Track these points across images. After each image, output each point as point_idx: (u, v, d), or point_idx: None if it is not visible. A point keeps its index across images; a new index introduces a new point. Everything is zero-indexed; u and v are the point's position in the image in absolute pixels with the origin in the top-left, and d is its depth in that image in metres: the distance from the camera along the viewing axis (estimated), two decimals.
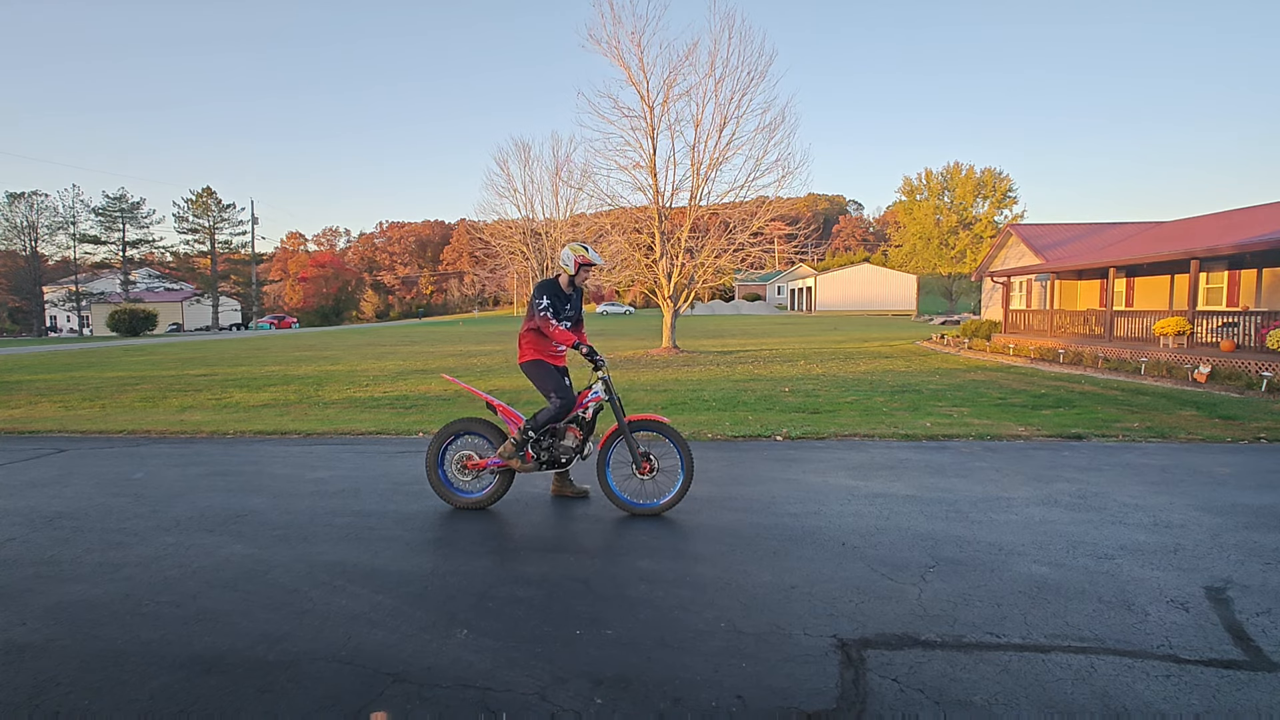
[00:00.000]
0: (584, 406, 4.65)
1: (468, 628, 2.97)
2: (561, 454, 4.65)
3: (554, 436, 4.65)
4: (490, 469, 4.71)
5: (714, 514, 4.60)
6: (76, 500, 5.07)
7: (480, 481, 4.77)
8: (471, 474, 4.74)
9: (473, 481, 4.76)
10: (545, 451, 4.64)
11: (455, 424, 4.80)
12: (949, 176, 57.05)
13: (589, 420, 4.67)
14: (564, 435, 4.66)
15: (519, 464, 4.60)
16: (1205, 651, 2.69)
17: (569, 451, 4.65)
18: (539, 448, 4.64)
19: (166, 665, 2.68)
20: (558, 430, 4.65)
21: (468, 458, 4.75)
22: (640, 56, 18.33)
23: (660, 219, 19.38)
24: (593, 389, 4.64)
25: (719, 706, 2.37)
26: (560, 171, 34.20)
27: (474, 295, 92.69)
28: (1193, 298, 14.08)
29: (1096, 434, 7.17)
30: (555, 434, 4.65)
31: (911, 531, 4.16)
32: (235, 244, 64.00)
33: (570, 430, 4.66)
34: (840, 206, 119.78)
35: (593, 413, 4.67)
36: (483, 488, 4.76)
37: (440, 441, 4.78)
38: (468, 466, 4.74)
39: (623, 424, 4.55)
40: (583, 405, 4.65)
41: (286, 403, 10.59)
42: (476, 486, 4.77)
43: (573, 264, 4.73)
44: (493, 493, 4.72)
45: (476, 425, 4.78)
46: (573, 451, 4.65)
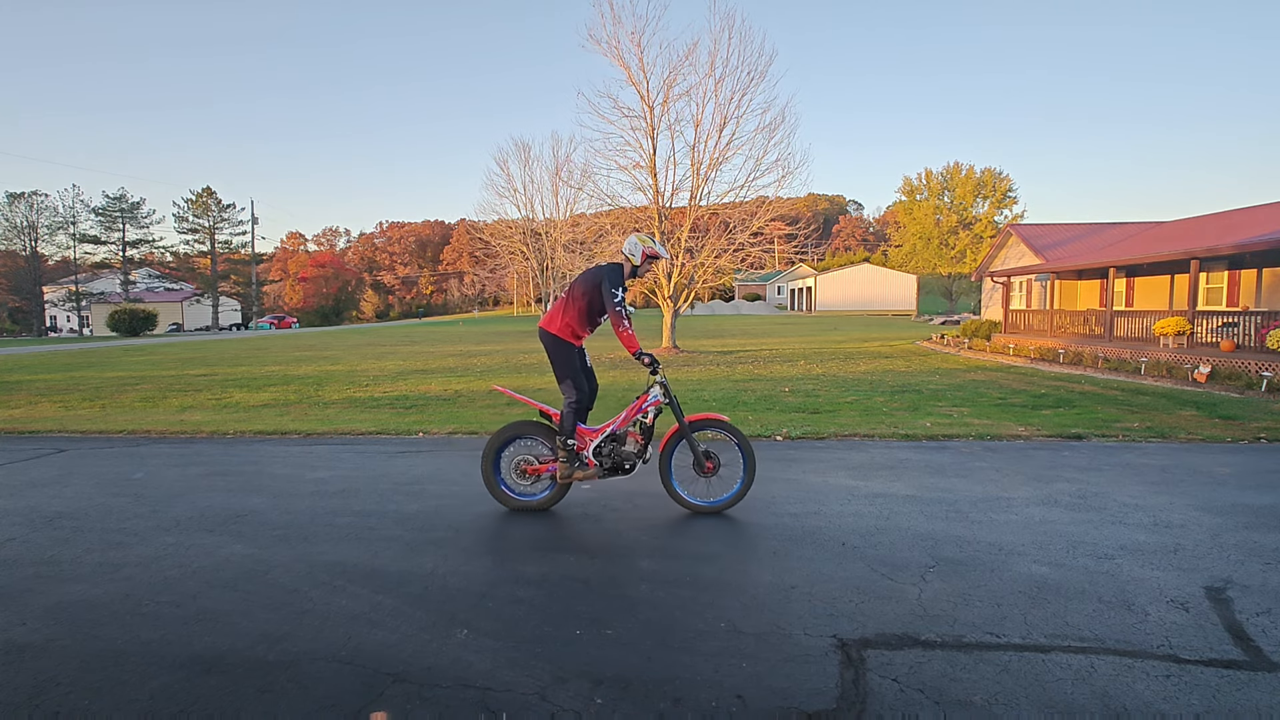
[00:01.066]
0: (643, 411, 4.56)
1: (468, 628, 2.97)
2: (624, 460, 4.56)
3: (615, 442, 4.56)
4: (548, 474, 4.65)
5: (713, 514, 4.60)
6: (76, 500, 5.07)
7: (538, 485, 4.72)
8: (530, 478, 4.68)
9: (530, 485, 4.71)
10: (608, 458, 4.56)
11: (512, 427, 4.73)
12: (949, 176, 57.03)
13: (650, 424, 4.58)
14: (625, 440, 4.59)
15: (582, 474, 4.53)
16: (1205, 651, 2.69)
17: (631, 457, 4.56)
18: (600, 454, 4.55)
19: (166, 665, 2.68)
20: (618, 435, 4.57)
21: (526, 463, 4.68)
22: (640, 56, 18.34)
23: (660, 219, 19.38)
24: (650, 393, 4.55)
25: (719, 706, 2.37)
26: (560, 171, 34.26)
27: (474, 295, 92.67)
28: (1193, 298, 14.08)
29: (1096, 434, 7.18)
30: (617, 439, 4.57)
31: (911, 531, 4.16)
32: (235, 244, 63.98)
33: (631, 435, 4.58)
34: (840, 206, 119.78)
35: (653, 416, 4.57)
36: (540, 491, 4.72)
37: (497, 444, 4.72)
38: (527, 472, 4.66)
39: (683, 424, 4.51)
40: (642, 410, 4.55)
41: (286, 403, 10.59)
42: (534, 490, 4.73)
43: (639, 255, 4.59)
44: (551, 497, 4.68)
45: (533, 430, 4.69)
46: (635, 457, 4.57)
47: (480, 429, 7.92)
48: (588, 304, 4.52)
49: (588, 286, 4.53)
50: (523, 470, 4.67)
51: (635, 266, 4.63)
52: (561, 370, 4.57)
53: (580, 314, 4.53)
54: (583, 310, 4.52)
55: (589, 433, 4.61)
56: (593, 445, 4.55)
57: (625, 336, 4.40)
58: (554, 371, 4.62)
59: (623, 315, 4.43)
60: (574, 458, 4.53)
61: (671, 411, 4.54)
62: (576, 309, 4.53)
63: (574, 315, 4.53)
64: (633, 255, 4.61)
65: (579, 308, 4.53)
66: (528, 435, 4.72)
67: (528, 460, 4.69)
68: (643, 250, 4.59)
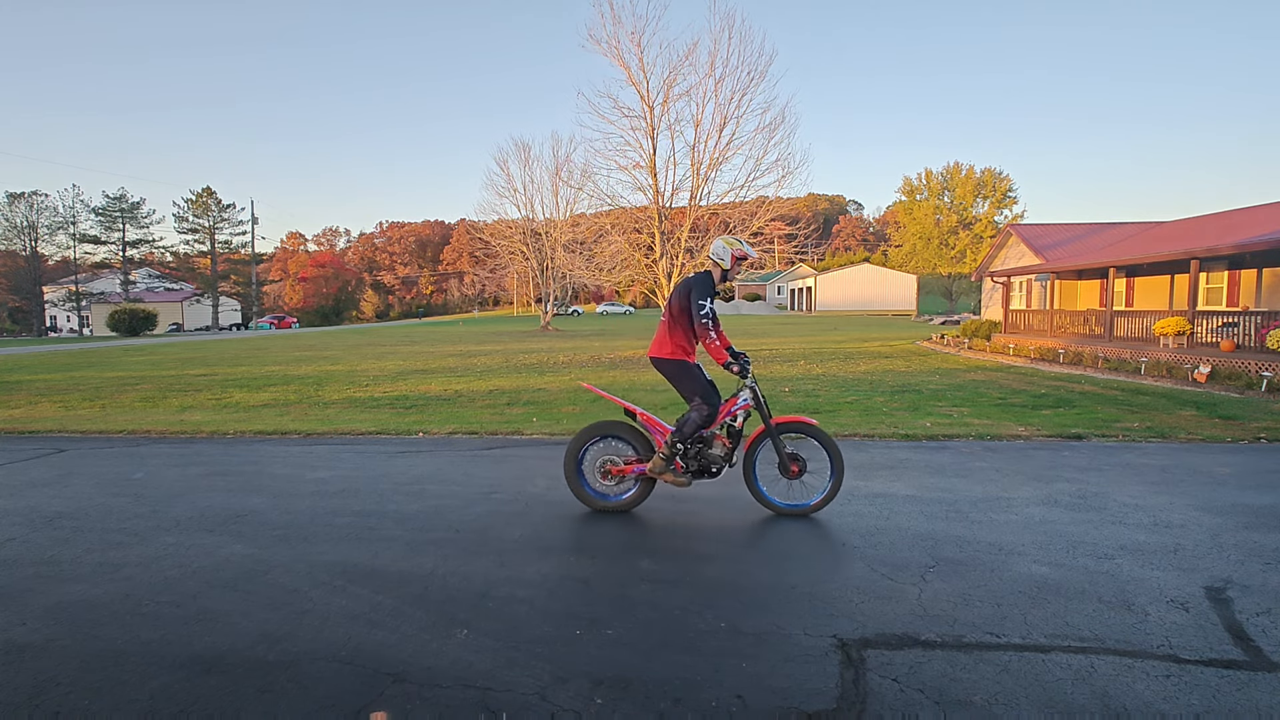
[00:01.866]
0: (732, 415, 4.49)
1: (468, 628, 2.97)
2: (711, 463, 4.48)
3: (702, 444, 4.49)
4: (634, 475, 4.58)
5: (714, 514, 4.60)
6: (76, 500, 5.07)
7: (622, 486, 4.64)
8: (614, 479, 4.61)
9: (614, 486, 4.64)
10: (694, 460, 4.47)
11: (595, 427, 4.66)
12: (949, 176, 57.04)
13: (739, 428, 4.51)
14: (712, 444, 4.49)
15: (671, 477, 4.43)
16: (1205, 651, 2.69)
17: (718, 460, 4.48)
18: (687, 457, 4.48)
19: (166, 665, 2.68)
20: (705, 438, 4.49)
21: (611, 463, 4.61)
22: (640, 56, 18.33)
23: (660, 219, 19.37)
24: (740, 397, 4.49)
25: (719, 706, 2.37)
26: (560, 171, 34.13)
27: (474, 295, 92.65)
28: (1193, 298, 14.08)
29: (1096, 434, 7.17)
30: (704, 442, 4.49)
31: (911, 531, 4.16)
32: (235, 244, 64.01)
33: (718, 439, 4.51)
34: (840, 206, 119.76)
35: (742, 420, 4.50)
36: (624, 492, 4.64)
37: (580, 444, 4.65)
38: (611, 472, 4.59)
39: (770, 426, 4.44)
40: (731, 413, 4.48)
41: (286, 403, 10.59)
42: (617, 491, 4.65)
43: (729, 258, 4.50)
44: (634, 498, 4.60)
45: (618, 429, 4.63)
46: (722, 460, 4.49)
47: (480, 429, 7.92)
48: (689, 319, 4.43)
49: (684, 303, 4.44)
50: (607, 471, 4.60)
51: (725, 270, 4.53)
52: (689, 389, 4.47)
53: (687, 330, 4.45)
54: (687, 326, 4.45)
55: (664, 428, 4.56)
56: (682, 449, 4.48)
57: (713, 348, 4.33)
58: (681, 393, 4.53)
59: (710, 327, 4.33)
60: (671, 460, 4.44)
61: (760, 417, 4.46)
62: (681, 326, 4.46)
63: (681, 334, 4.46)
64: (721, 259, 4.52)
65: (683, 325, 4.45)
66: (612, 435, 4.64)
67: (612, 461, 4.61)
68: (731, 253, 4.49)
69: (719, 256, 4.53)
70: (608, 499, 4.64)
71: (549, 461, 6.26)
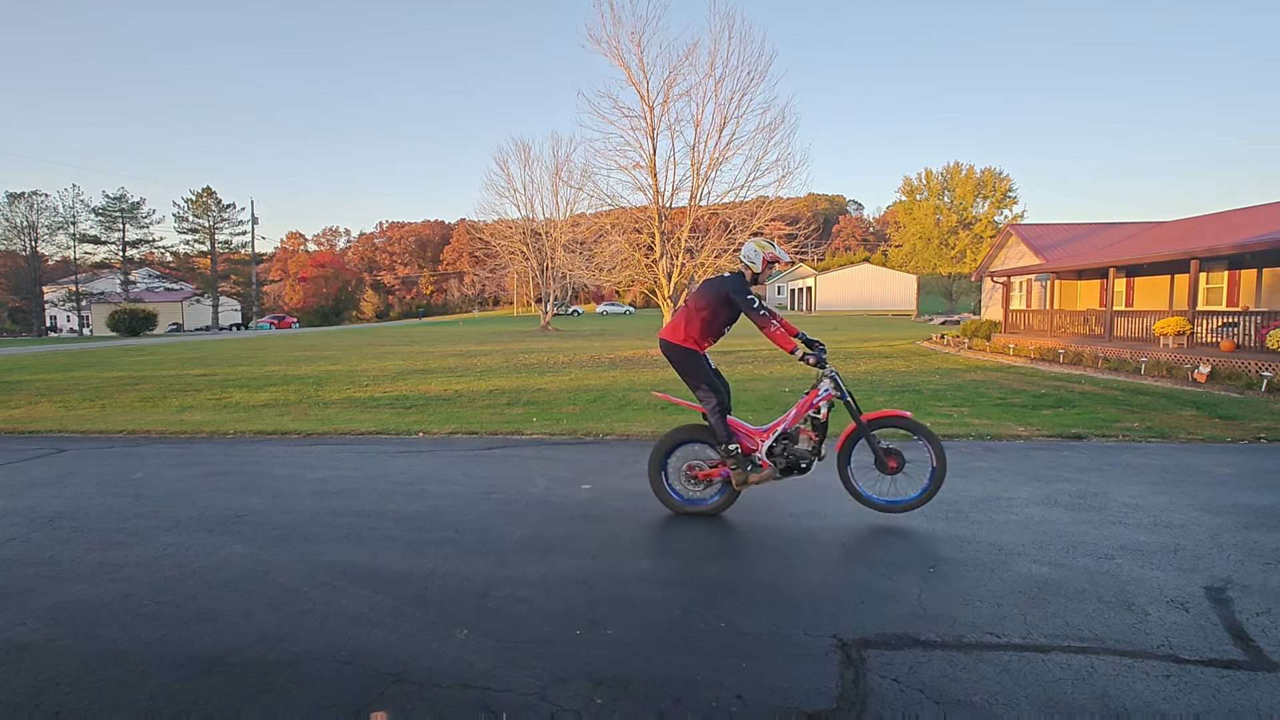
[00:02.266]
0: (814, 407, 4.36)
1: (468, 628, 2.97)
2: (800, 459, 4.39)
3: (788, 440, 4.40)
4: (720, 477, 4.52)
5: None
6: (76, 500, 5.07)
7: (709, 490, 4.60)
8: (702, 483, 4.57)
9: (702, 490, 4.60)
10: (782, 458, 4.40)
11: (679, 432, 4.61)
12: (949, 176, 57.04)
13: (823, 420, 4.39)
14: (798, 439, 4.42)
15: (758, 477, 4.36)
16: (1205, 651, 2.69)
17: (807, 455, 4.38)
18: (773, 455, 4.40)
19: (166, 665, 2.68)
20: (790, 434, 4.41)
21: (696, 467, 4.55)
22: (640, 56, 18.33)
23: (660, 219, 19.37)
24: (820, 387, 4.35)
25: (719, 706, 2.37)
26: (560, 171, 34.14)
27: (474, 295, 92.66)
28: (1193, 298, 14.08)
29: (1096, 434, 7.17)
30: (789, 438, 4.41)
31: (911, 531, 4.16)
32: (235, 244, 64.02)
33: (804, 433, 4.41)
34: (840, 206, 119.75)
35: (826, 411, 4.38)
36: (711, 496, 4.59)
37: (665, 448, 4.61)
38: (698, 476, 4.54)
39: (860, 422, 4.37)
40: (813, 406, 4.36)
41: (286, 403, 10.59)
42: (705, 495, 4.61)
43: (760, 261, 4.45)
44: (722, 501, 4.55)
45: (702, 433, 4.56)
46: (810, 455, 4.39)
47: (480, 429, 7.92)
48: (711, 316, 4.42)
49: (710, 300, 4.42)
50: (693, 475, 4.55)
51: (756, 274, 4.48)
52: (694, 377, 4.44)
53: (704, 325, 4.43)
54: (706, 321, 4.43)
55: (758, 433, 4.47)
56: (765, 446, 4.41)
57: (778, 336, 4.27)
58: (685, 381, 4.50)
59: (769, 317, 4.29)
60: (744, 462, 4.38)
61: (847, 409, 4.36)
62: (700, 320, 4.42)
63: (697, 327, 4.43)
64: (752, 263, 4.46)
65: (702, 319, 4.42)
66: (696, 439, 4.58)
67: (698, 465, 4.56)
68: (763, 256, 4.45)
69: (750, 259, 4.48)
70: (693, 503, 4.58)
71: (549, 461, 6.26)
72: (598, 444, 7.09)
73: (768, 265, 4.48)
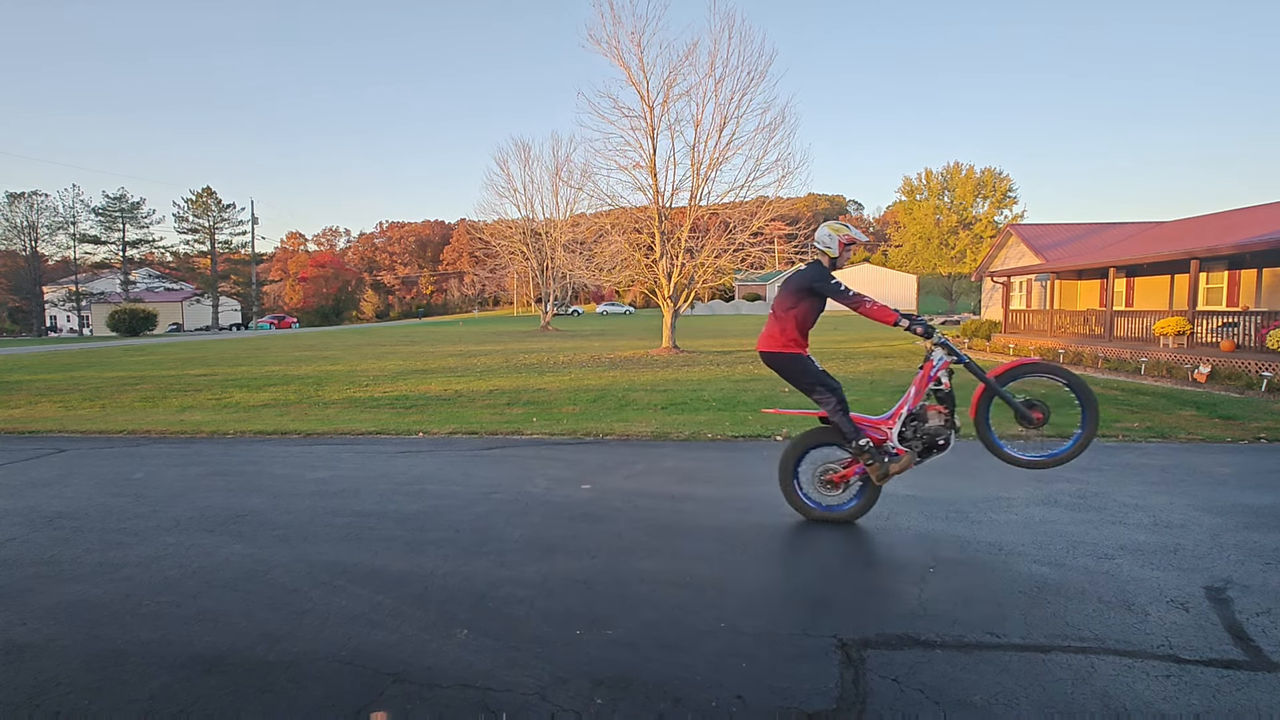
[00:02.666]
0: (933, 379, 4.16)
1: (468, 628, 2.97)
2: (937, 435, 4.16)
3: (917, 421, 4.18)
4: (856, 476, 4.32)
5: (714, 514, 4.60)
6: (76, 500, 5.07)
7: (846, 493, 4.39)
8: (839, 487, 4.36)
9: (839, 495, 4.39)
10: (917, 441, 4.18)
11: (808, 436, 4.41)
12: (949, 176, 57.10)
13: (948, 390, 4.17)
14: (926, 417, 4.19)
15: (898, 466, 4.13)
16: (1205, 651, 2.69)
17: (942, 431, 4.16)
18: (906, 440, 4.19)
19: (166, 665, 2.68)
20: (917, 414, 4.19)
21: (830, 471, 4.35)
22: (640, 56, 18.34)
23: (660, 219, 19.38)
24: (933, 358, 4.16)
25: (719, 706, 2.37)
26: (560, 171, 34.16)
27: (474, 295, 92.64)
28: (1193, 298, 14.08)
29: (1096, 434, 7.17)
30: (918, 418, 4.19)
31: (911, 531, 4.16)
32: (235, 244, 64.07)
33: (930, 409, 4.19)
34: (840, 206, 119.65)
35: (947, 381, 4.17)
36: (848, 500, 4.38)
37: (792, 459, 4.41)
38: (834, 481, 4.34)
39: (989, 381, 4.13)
40: (932, 378, 4.16)
41: (286, 403, 10.59)
42: (844, 498, 4.39)
43: (836, 245, 4.27)
44: (865, 502, 4.33)
45: (830, 436, 4.35)
46: (945, 429, 4.17)
47: (480, 429, 7.92)
48: (801, 313, 4.25)
49: (795, 296, 4.26)
50: (828, 480, 4.36)
51: (834, 258, 4.31)
52: (806, 380, 4.27)
53: (798, 324, 4.27)
54: (799, 320, 4.27)
55: (883, 422, 4.27)
56: (895, 432, 4.20)
57: (877, 310, 4.08)
58: (798, 387, 4.33)
59: (863, 297, 4.11)
60: (878, 454, 4.16)
61: (969, 370, 4.11)
62: (793, 321, 4.27)
63: (793, 328, 4.27)
64: (829, 248, 4.29)
65: (794, 319, 4.27)
66: (825, 443, 4.38)
67: (831, 468, 4.36)
68: (838, 239, 4.27)
69: (825, 245, 4.30)
70: (835, 509, 4.38)
71: (549, 461, 6.26)
72: (598, 444, 7.09)
73: (845, 248, 4.30)
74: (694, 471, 5.85)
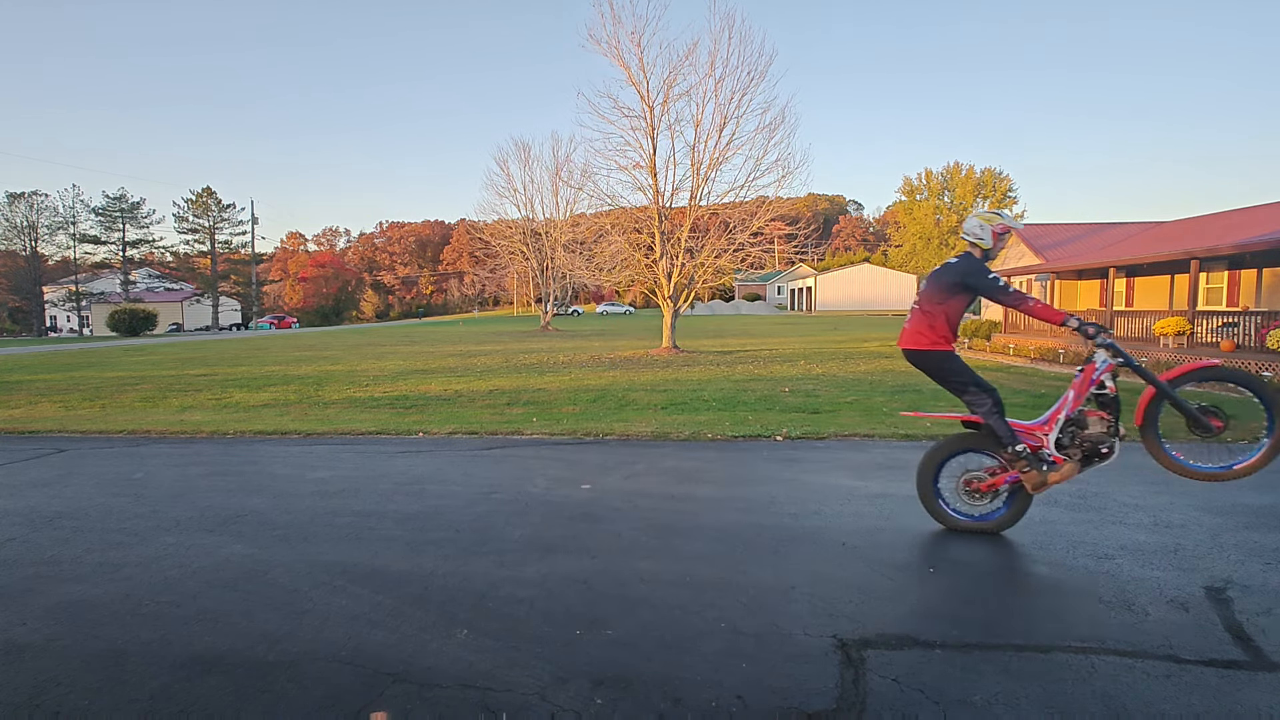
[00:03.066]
0: (1096, 382, 3.92)
1: (468, 628, 2.97)
2: (1099, 443, 3.89)
3: (1076, 427, 3.92)
4: (1006, 485, 4.05)
5: (714, 514, 4.59)
6: (76, 500, 5.07)
7: (994, 503, 4.12)
8: (985, 495, 4.09)
9: (987, 504, 4.12)
10: (1076, 449, 3.91)
11: (951, 442, 4.19)
12: (949, 176, 57.12)
13: (1113, 395, 3.92)
14: (1086, 423, 3.95)
15: (1058, 475, 3.86)
16: (1205, 651, 2.69)
17: (1105, 439, 3.90)
18: (1063, 447, 3.93)
19: (166, 665, 2.68)
20: (1076, 419, 3.94)
21: (977, 479, 4.09)
22: (640, 56, 18.34)
23: (660, 219, 19.38)
24: (1096, 360, 3.92)
25: (719, 706, 2.37)
26: (560, 171, 34.17)
27: (474, 295, 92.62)
28: (1193, 298, 14.08)
29: None
30: (1076, 424, 3.93)
31: (911, 531, 4.16)
32: (235, 244, 64.08)
33: (1091, 414, 3.93)
34: (840, 206, 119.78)
35: (1112, 384, 3.93)
36: (999, 508, 4.12)
37: (933, 466, 4.18)
38: (981, 489, 4.08)
39: (1160, 385, 3.86)
40: (1094, 382, 3.92)
41: (286, 403, 10.59)
42: (992, 508, 4.13)
43: (989, 235, 3.99)
44: (1014, 512, 4.06)
45: (975, 442, 4.13)
46: (1107, 436, 3.91)
47: (480, 429, 7.92)
48: (952, 308, 3.99)
49: (946, 290, 4.00)
50: (974, 488, 4.09)
51: (987, 250, 4.04)
52: (959, 379, 4.01)
53: (950, 318, 4.00)
54: (950, 313, 3.99)
55: (1037, 427, 4.01)
56: (1052, 439, 3.94)
57: (1041, 309, 3.85)
58: (948, 387, 4.08)
59: (1024, 294, 3.85)
60: (1036, 461, 3.91)
61: (1136, 374, 3.90)
62: (943, 316, 3.98)
63: (943, 324, 3.98)
64: (980, 239, 4.01)
65: (945, 314, 3.98)
66: (970, 449, 4.15)
67: (977, 476, 4.09)
68: (991, 229, 3.99)
69: (976, 236, 4.02)
70: (981, 519, 4.13)
71: (549, 461, 6.26)
72: (598, 444, 7.09)
73: (999, 238, 4.02)
74: (694, 471, 5.85)
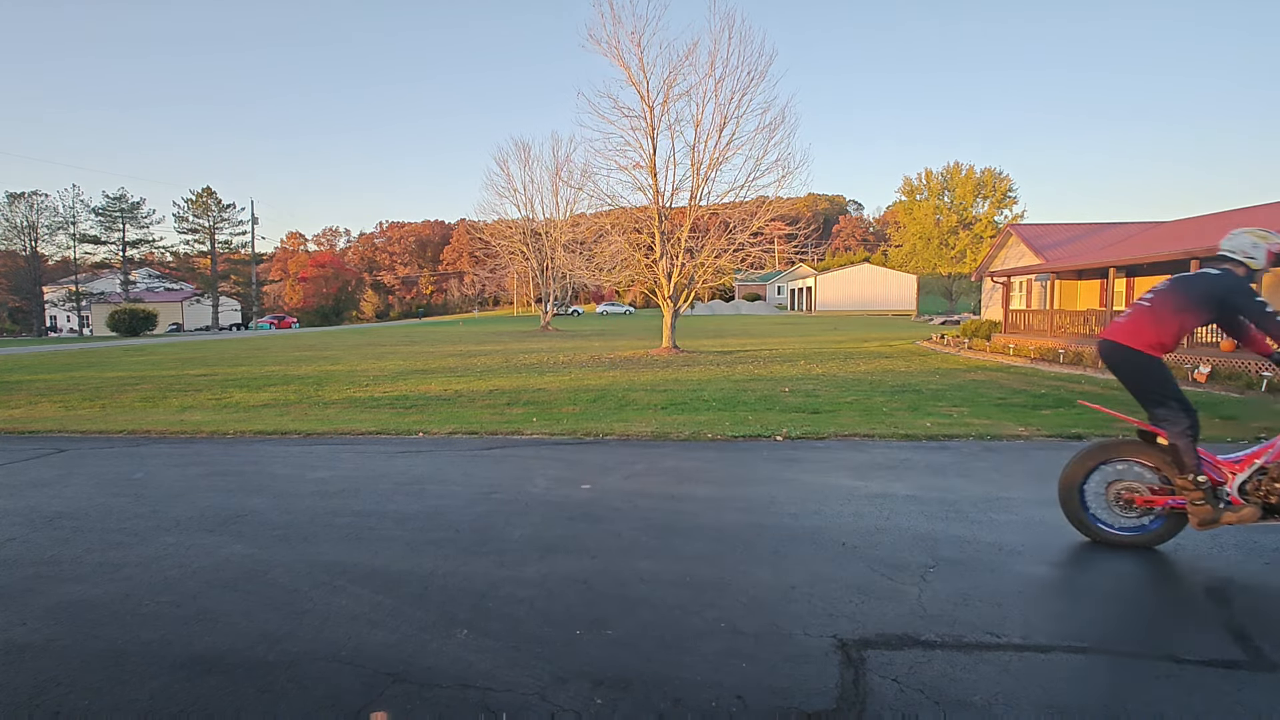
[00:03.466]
0: None
1: (468, 628, 2.97)
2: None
3: (1264, 476, 3.53)
4: (1165, 509, 3.75)
5: (714, 514, 4.59)
6: (76, 500, 5.07)
7: (1144, 520, 3.85)
8: (1137, 510, 3.82)
9: (1137, 518, 3.85)
10: (1259, 497, 3.53)
11: (1105, 448, 3.97)
12: (949, 176, 57.07)
13: None
14: None
15: (1233, 517, 3.53)
16: (1205, 651, 2.69)
17: None
18: (1246, 493, 3.55)
19: (166, 665, 2.68)
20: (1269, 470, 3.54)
21: (1133, 492, 3.81)
22: (640, 56, 18.35)
23: (660, 219, 19.38)
24: None
25: (719, 707, 2.37)
26: (560, 171, 34.18)
27: (474, 295, 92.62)
28: None
29: (1096, 434, 7.16)
30: (1264, 472, 3.54)
31: (911, 531, 4.16)
32: (235, 244, 64.06)
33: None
34: (840, 206, 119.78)
35: None
36: (1150, 524, 3.85)
37: (1084, 467, 3.94)
38: (1135, 503, 3.80)
39: None
40: None
41: (286, 403, 10.59)
42: (1141, 523, 3.86)
43: (1263, 255, 3.59)
44: (1158, 535, 3.81)
45: (1137, 452, 3.86)
46: None
47: (480, 429, 7.92)
48: (1193, 319, 3.64)
49: (1196, 300, 3.60)
50: (1126, 501, 3.83)
51: (1254, 271, 3.64)
52: (1159, 391, 3.65)
53: (1181, 330, 3.64)
54: (1186, 325, 3.64)
55: (1227, 464, 3.64)
56: (1239, 480, 3.58)
57: None
58: (1142, 395, 3.74)
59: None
60: (1214, 496, 3.59)
61: None
62: (1177, 323, 3.61)
63: (1172, 332, 3.61)
64: (1252, 258, 3.61)
65: (1180, 322, 3.62)
66: (1127, 458, 3.88)
67: (1133, 489, 3.81)
68: (1266, 248, 3.59)
69: (1249, 254, 3.61)
70: (1123, 533, 3.88)
71: (549, 461, 6.26)
72: (598, 444, 7.08)
73: (1274, 258, 3.61)
74: (694, 471, 5.85)
